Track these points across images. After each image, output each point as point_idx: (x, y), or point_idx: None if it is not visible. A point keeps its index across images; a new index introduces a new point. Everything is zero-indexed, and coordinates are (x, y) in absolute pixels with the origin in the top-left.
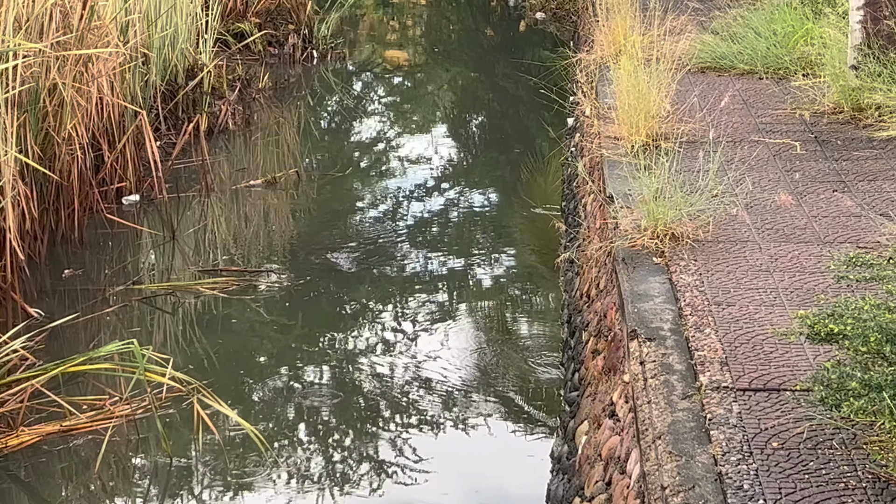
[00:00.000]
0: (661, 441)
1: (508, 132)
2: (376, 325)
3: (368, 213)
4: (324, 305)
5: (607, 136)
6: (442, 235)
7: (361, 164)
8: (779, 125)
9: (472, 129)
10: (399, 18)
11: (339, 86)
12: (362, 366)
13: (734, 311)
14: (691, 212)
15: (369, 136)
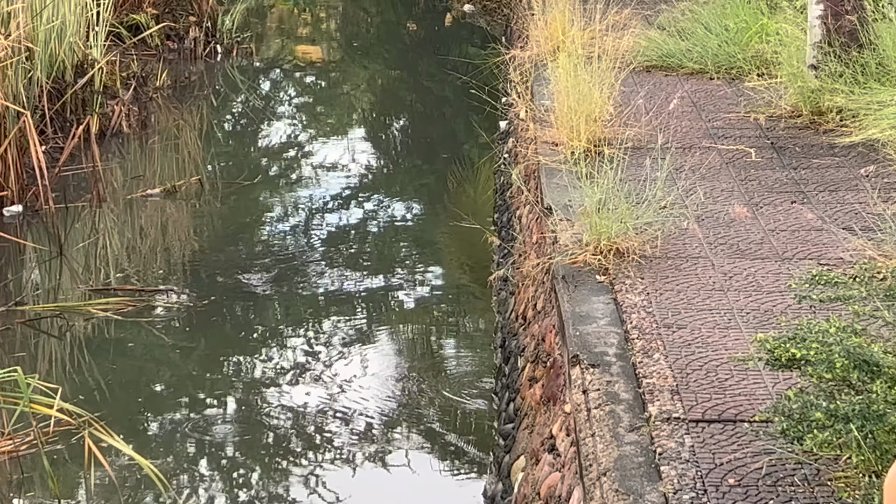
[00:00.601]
0: (607, 478)
1: (434, 137)
2: (288, 351)
3: (279, 226)
4: (229, 328)
5: (544, 141)
6: (361, 251)
7: (271, 171)
8: (732, 130)
9: (393, 133)
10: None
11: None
12: (272, 395)
13: (685, 335)
14: (638, 225)
15: (279, 140)
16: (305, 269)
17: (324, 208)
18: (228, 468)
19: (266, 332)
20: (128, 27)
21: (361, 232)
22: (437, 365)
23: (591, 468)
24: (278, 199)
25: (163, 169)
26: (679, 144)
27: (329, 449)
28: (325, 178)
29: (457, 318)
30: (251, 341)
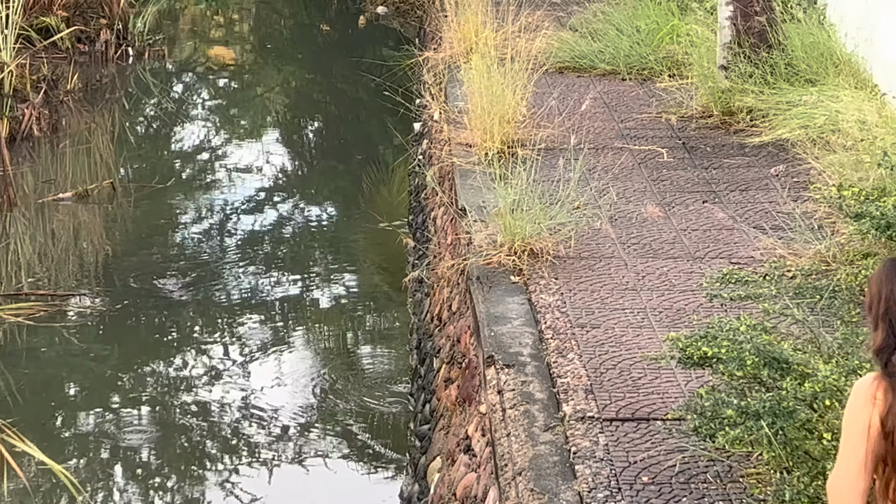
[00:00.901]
0: (522, 478)
1: (348, 139)
2: (203, 354)
3: (193, 230)
4: (143, 333)
5: (458, 142)
6: (276, 253)
7: (184, 174)
8: (644, 130)
9: (307, 135)
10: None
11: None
12: (187, 399)
13: (599, 334)
14: (551, 225)
15: (193, 143)
16: (220, 273)
17: (238, 211)
18: (143, 472)
19: (181, 336)
20: (38, 30)
21: (276, 235)
22: (354, 367)
23: (506, 468)
24: (192, 203)
25: (74, 173)
26: (592, 145)
27: (245, 452)
28: (239, 180)
29: (372, 319)
30: (165, 345)
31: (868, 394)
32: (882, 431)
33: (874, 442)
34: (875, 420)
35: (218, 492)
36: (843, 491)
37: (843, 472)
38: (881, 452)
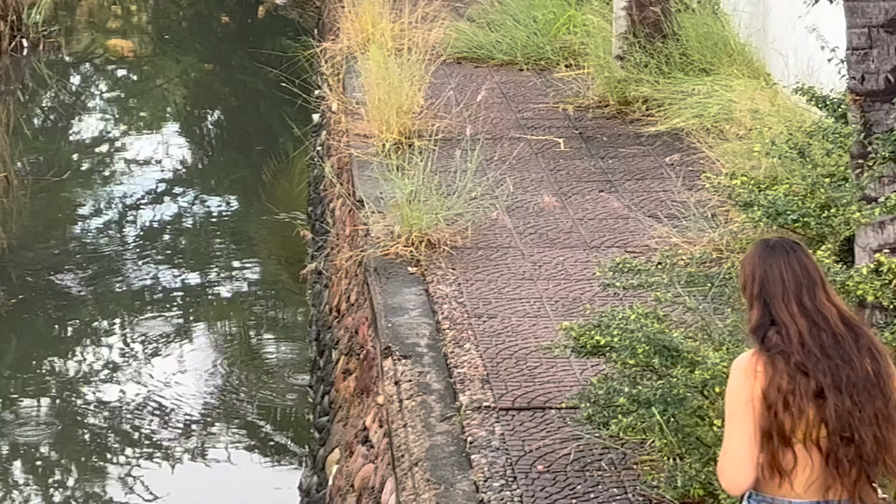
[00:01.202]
0: (419, 468)
1: (248, 130)
2: (102, 348)
3: (92, 223)
4: (41, 327)
5: (356, 133)
6: (176, 246)
7: (82, 167)
8: (541, 120)
9: (207, 127)
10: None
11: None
12: (87, 394)
13: (496, 324)
14: (449, 216)
15: (91, 135)
16: (120, 266)
17: (138, 204)
18: (43, 469)
19: (80, 331)
20: None
21: (176, 227)
22: (254, 359)
23: (403, 459)
24: (90, 195)
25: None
26: (489, 135)
27: (146, 446)
28: (138, 173)
29: (273, 312)
30: (64, 340)
31: (748, 369)
32: (765, 404)
33: (758, 415)
34: (757, 393)
35: (118, 487)
36: (735, 465)
37: (733, 447)
38: (766, 425)
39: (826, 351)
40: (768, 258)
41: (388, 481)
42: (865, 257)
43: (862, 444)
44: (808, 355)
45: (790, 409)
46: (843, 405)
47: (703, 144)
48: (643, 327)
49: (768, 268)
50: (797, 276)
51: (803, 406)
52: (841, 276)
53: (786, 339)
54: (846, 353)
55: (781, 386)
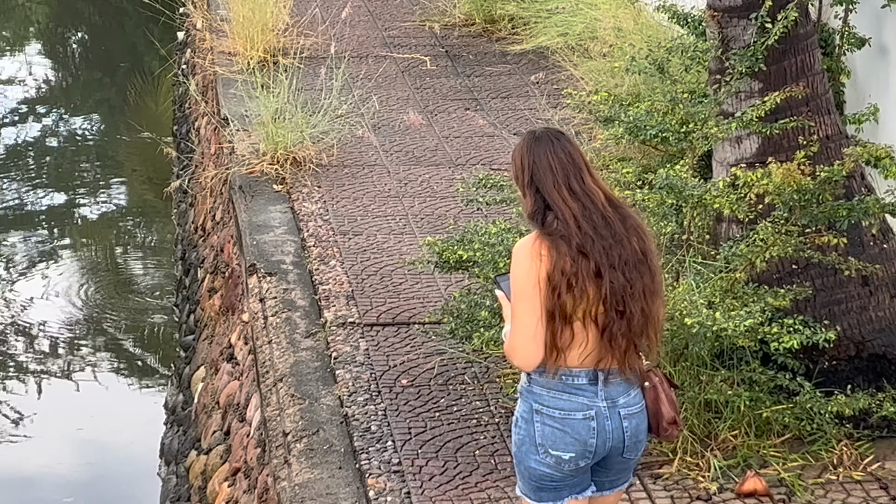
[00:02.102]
0: (284, 384)
1: (112, 49)
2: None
3: None
4: None
5: (221, 51)
6: (40, 167)
7: None
8: (407, 39)
9: (70, 46)
10: None
11: None
12: None
13: (361, 241)
14: (314, 134)
15: None
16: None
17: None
18: None
19: None
20: None
21: (40, 148)
22: (120, 280)
23: (268, 375)
24: None
25: None
26: (355, 53)
27: (11, 368)
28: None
29: (138, 231)
30: None
31: (533, 252)
32: (549, 286)
33: (544, 296)
34: (543, 275)
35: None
36: (527, 343)
37: (524, 325)
38: (550, 306)
39: (599, 231)
40: (535, 148)
41: (252, 397)
42: (723, 171)
43: (632, 317)
44: (585, 237)
45: (573, 290)
46: (618, 282)
47: (567, 63)
48: (504, 241)
49: (537, 157)
50: (563, 163)
51: (585, 286)
52: (698, 190)
53: (563, 224)
54: (616, 233)
55: (565, 269)
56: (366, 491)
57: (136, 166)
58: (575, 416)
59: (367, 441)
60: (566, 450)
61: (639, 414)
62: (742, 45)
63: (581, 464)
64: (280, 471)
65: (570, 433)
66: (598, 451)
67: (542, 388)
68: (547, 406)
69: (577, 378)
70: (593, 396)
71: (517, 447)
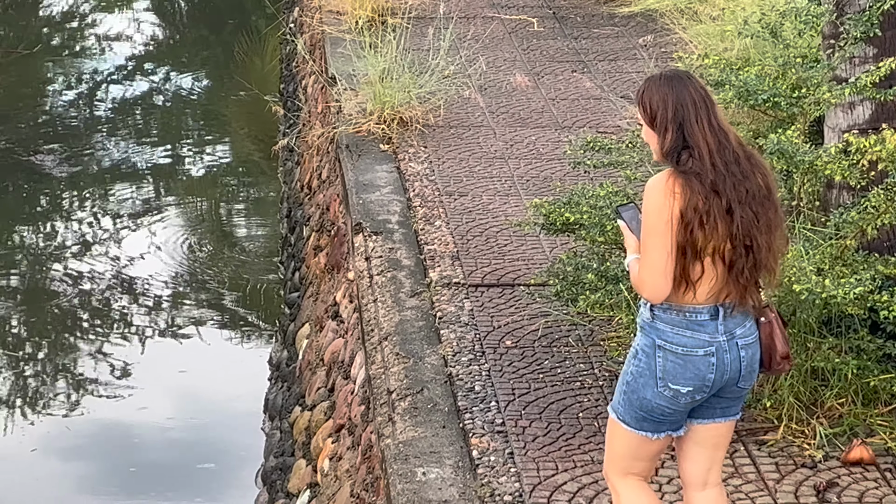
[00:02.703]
0: (388, 342)
1: (220, 6)
2: (73, 223)
3: (62, 98)
4: (11, 201)
5: (329, 10)
6: (147, 123)
7: (53, 41)
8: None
9: (178, 3)
10: None
11: None
12: (57, 269)
13: (466, 202)
14: (421, 94)
15: (61, 9)
16: (91, 142)
17: (108, 80)
18: (13, 344)
19: (50, 206)
20: None
21: (147, 104)
22: (226, 236)
23: (372, 333)
24: (61, 70)
25: None
26: (462, 14)
27: (117, 322)
28: (108, 48)
29: (244, 189)
30: (34, 215)
31: (667, 190)
32: (682, 222)
33: (675, 232)
34: (676, 212)
35: (89, 362)
36: (657, 276)
37: (654, 260)
38: (682, 241)
39: (730, 168)
40: (675, 86)
41: (357, 355)
42: (834, 138)
43: (759, 251)
44: (718, 175)
45: (704, 226)
46: (747, 217)
47: (676, 25)
48: (612, 204)
49: (679, 93)
50: (703, 99)
51: (716, 223)
52: (809, 156)
53: (697, 161)
54: (744, 170)
55: (698, 206)
56: (469, 450)
57: (242, 124)
58: (696, 352)
59: (470, 401)
60: (685, 384)
61: (754, 344)
62: (857, 10)
63: (697, 397)
64: (384, 428)
65: (690, 368)
66: (716, 384)
67: (666, 325)
68: (670, 342)
69: (700, 314)
70: (714, 332)
71: (633, 377)
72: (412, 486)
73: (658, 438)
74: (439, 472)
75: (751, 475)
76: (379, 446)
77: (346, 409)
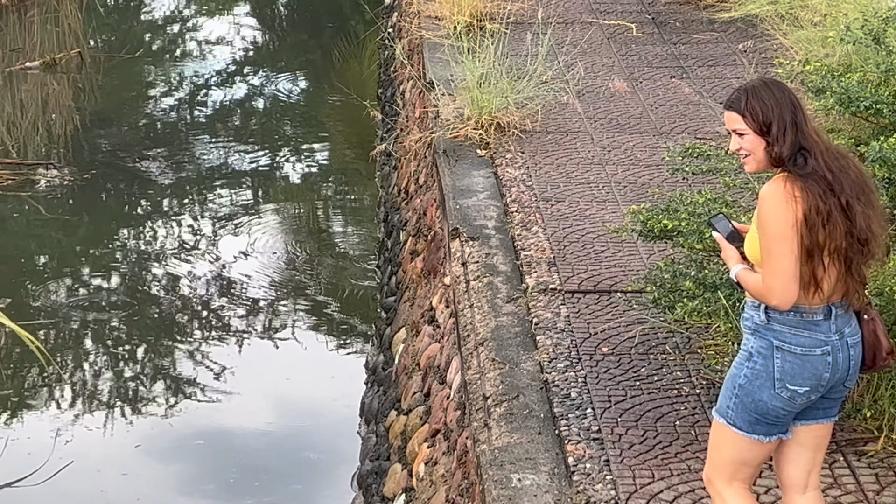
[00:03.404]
0: (484, 348)
1: (319, 11)
2: (173, 226)
3: (163, 101)
4: (113, 203)
5: (428, 15)
6: (246, 126)
7: (154, 45)
8: (613, 5)
9: (278, 8)
10: None
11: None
12: (157, 270)
13: (563, 208)
14: (519, 99)
15: (163, 14)
16: (190, 145)
17: (208, 83)
18: (113, 344)
19: (150, 208)
20: None
21: (247, 107)
22: (323, 240)
23: (468, 338)
24: (162, 74)
25: (42, 42)
26: (561, 19)
27: (215, 323)
28: (209, 52)
29: (341, 192)
30: (135, 217)
31: (787, 195)
32: (807, 225)
33: (801, 235)
34: (800, 216)
35: (187, 363)
36: (787, 283)
37: (783, 267)
38: (809, 244)
39: (840, 167)
40: (782, 91)
41: (453, 360)
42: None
43: (872, 244)
44: (833, 175)
45: (826, 227)
46: (861, 212)
47: (776, 31)
48: (711, 211)
49: (788, 98)
50: (800, 102)
51: (837, 222)
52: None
53: (814, 162)
54: (844, 166)
55: (819, 207)
56: (565, 457)
57: (340, 128)
58: (814, 352)
59: (566, 407)
60: (803, 384)
61: (859, 343)
62: None
63: (812, 397)
64: (480, 434)
65: (808, 368)
66: (829, 383)
67: (783, 326)
68: (788, 343)
69: (815, 315)
70: (828, 331)
71: (748, 380)
72: (507, 493)
73: (769, 442)
74: (535, 479)
75: (850, 486)
76: (474, 452)
77: (442, 414)
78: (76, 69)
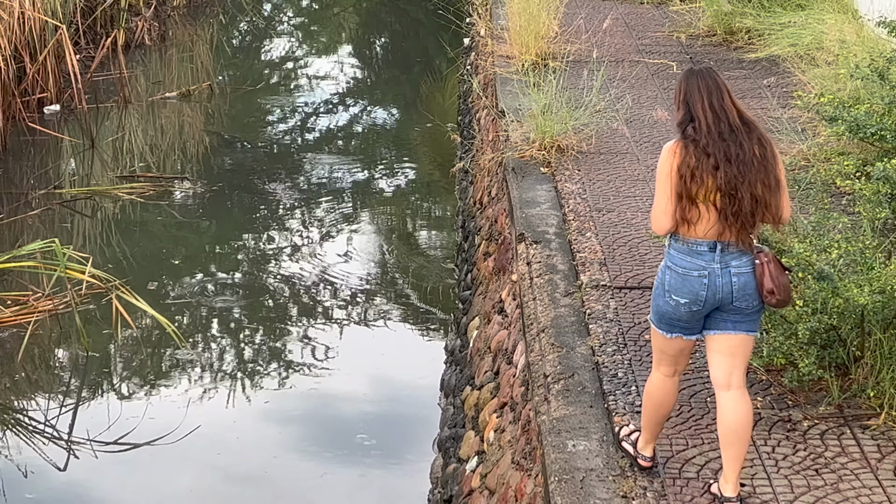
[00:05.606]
0: (545, 334)
1: (409, 52)
2: (285, 231)
3: (278, 127)
4: (236, 211)
5: (500, 54)
6: (347, 148)
7: (272, 80)
8: (657, 46)
9: (375, 49)
10: None
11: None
12: (272, 268)
13: (613, 217)
14: (576, 125)
15: (279, 54)
16: (300, 163)
17: (316, 112)
18: (235, 328)
19: (267, 215)
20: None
21: (348, 132)
22: (410, 243)
23: (532, 326)
24: (277, 103)
25: (179, 76)
26: (612, 58)
27: (320, 313)
28: (316, 86)
29: (426, 203)
30: (254, 223)
31: (670, 151)
32: (678, 175)
33: (674, 182)
34: (675, 167)
35: (297, 345)
36: (660, 215)
37: (658, 204)
38: (679, 189)
39: (723, 136)
40: (691, 77)
41: (519, 344)
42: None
43: (741, 201)
44: (709, 141)
45: (695, 178)
46: (731, 172)
47: (796, 69)
48: None
49: (690, 82)
50: (709, 87)
51: (704, 177)
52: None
53: (697, 131)
54: (738, 139)
55: (690, 163)
56: (612, 426)
57: (425, 149)
58: (692, 273)
59: (614, 385)
60: (683, 297)
61: (747, 274)
62: None
63: (693, 308)
64: (541, 406)
65: (686, 285)
66: (709, 301)
67: (675, 251)
68: (675, 264)
69: (700, 246)
70: (710, 261)
71: (655, 288)
72: (563, 456)
73: (672, 337)
74: (587, 445)
75: (856, 454)
76: (536, 422)
77: (509, 390)
78: (207, 99)
